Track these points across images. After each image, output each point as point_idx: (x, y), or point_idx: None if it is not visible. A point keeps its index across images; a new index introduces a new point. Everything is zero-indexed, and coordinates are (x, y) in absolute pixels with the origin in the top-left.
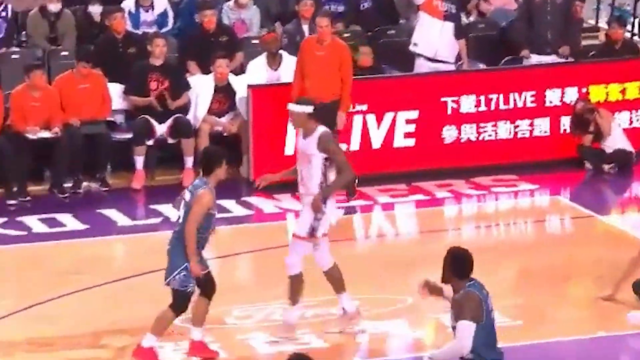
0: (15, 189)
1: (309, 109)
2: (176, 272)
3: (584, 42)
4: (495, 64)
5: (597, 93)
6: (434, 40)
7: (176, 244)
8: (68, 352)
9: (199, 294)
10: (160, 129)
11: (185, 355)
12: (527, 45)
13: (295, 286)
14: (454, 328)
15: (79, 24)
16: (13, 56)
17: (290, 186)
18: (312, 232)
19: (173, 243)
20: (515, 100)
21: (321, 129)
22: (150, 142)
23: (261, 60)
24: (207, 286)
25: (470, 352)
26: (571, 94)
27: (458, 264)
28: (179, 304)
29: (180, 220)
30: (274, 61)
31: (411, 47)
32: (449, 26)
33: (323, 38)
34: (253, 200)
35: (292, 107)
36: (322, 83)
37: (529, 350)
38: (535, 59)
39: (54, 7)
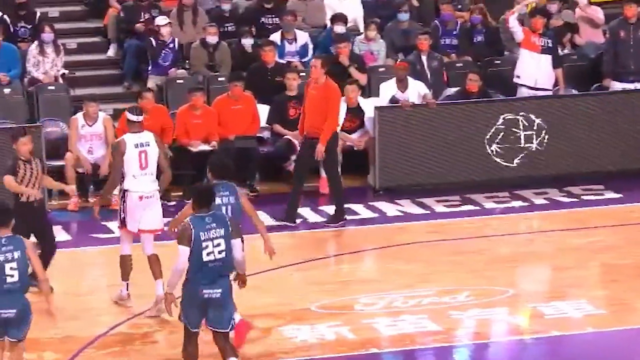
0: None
1: (130, 116)
2: None
3: None
4: (587, 90)
5: None
6: (533, 71)
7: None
8: None
9: None
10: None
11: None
12: (611, 75)
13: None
14: None
15: (234, 54)
16: (178, 81)
17: (412, 192)
18: (122, 223)
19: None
20: None
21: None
22: (293, 157)
23: (391, 83)
24: None
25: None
26: None
27: (194, 196)
28: None
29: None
30: (403, 85)
31: (515, 79)
32: (547, 58)
33: (312, 76)
34: (378, 204)
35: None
36: (313, 118)
37: (613, 336)
38: (619, 86)
39: (212, 39)
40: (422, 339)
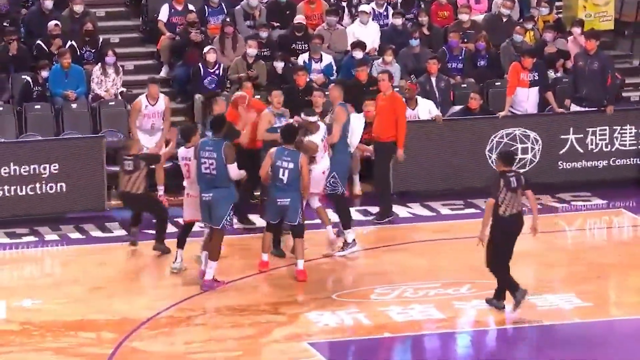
0: None
1: (306, 117)
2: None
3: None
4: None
5: None
6: (523, 103)
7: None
8: (256, 317)
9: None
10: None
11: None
12: (571, 97)
13: None
14: None
15: (268, 74)
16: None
17: (421, 196)
18: None
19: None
20: None
21: None
22: None
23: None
24: None
25: None
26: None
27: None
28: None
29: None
30: (411, 103)
31: (509, 108)
32: (534, 90)
33: (381, 89)
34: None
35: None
36: (381, 125)
37: (597, 326)
38: (574, 108)
39: (252, 52)
40: (429, 326)
